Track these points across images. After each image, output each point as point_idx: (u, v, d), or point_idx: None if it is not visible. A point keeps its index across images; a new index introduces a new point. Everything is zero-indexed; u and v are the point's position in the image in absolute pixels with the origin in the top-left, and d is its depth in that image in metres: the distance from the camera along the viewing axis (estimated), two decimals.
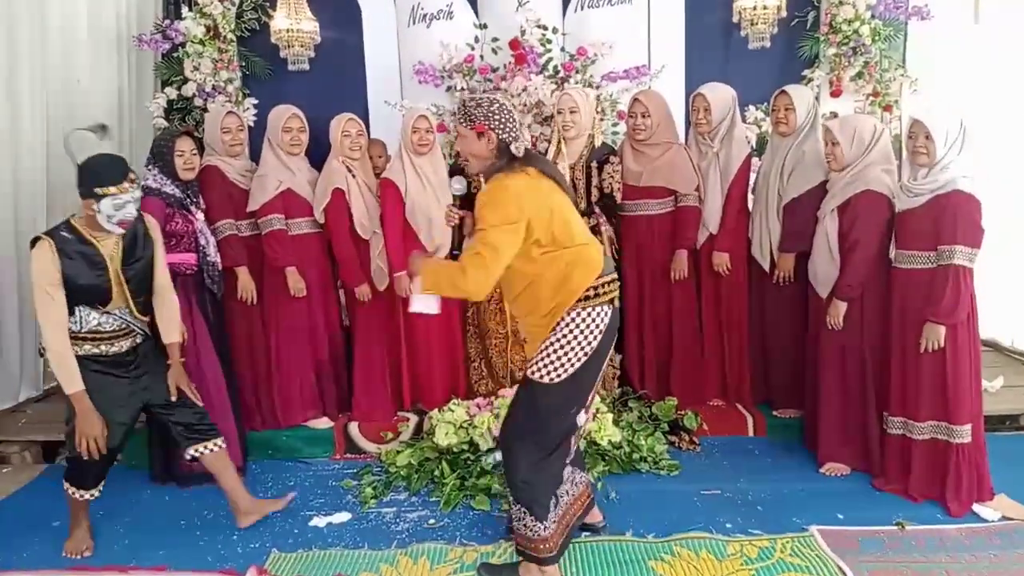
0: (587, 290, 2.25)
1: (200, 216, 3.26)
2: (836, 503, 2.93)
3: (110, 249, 2.59)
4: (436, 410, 3.42)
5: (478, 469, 3.16)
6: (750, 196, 3.64)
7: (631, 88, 4.13)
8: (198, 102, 4.28)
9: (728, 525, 2.80)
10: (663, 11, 4.36)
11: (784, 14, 3.86)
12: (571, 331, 2.24)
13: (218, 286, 3.32)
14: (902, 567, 2.50)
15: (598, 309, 2.27)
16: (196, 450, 2.82)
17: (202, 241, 3.23)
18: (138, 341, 2.73)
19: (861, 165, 2.97)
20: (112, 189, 2.50)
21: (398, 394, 3.75)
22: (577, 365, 2.25)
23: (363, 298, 3.56)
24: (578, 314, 2.24)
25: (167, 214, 3.11)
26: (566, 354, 2.24)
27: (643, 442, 3.32)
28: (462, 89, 4.18)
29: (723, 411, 3.74)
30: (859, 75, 4.20)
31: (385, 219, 3.51)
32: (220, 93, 4.28)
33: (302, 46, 3.98)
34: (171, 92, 4.32)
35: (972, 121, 2.78)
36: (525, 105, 4.02)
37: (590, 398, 2.41)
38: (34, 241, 2.52)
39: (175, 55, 4.31)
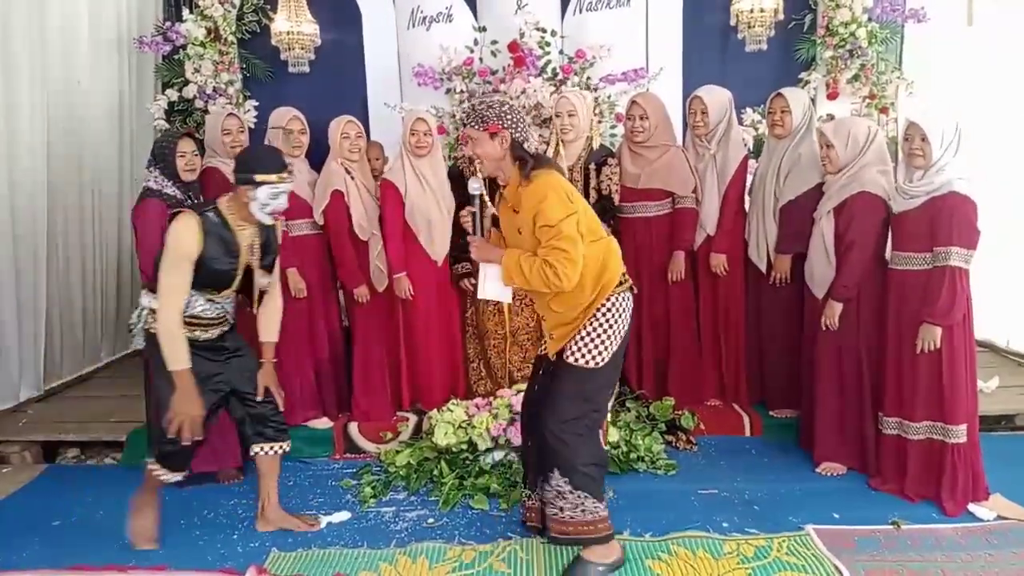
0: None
1: None
2: (832, 502, 2.94)
3: (247, 240, 2.62)
4: (435, 410, 3.43)
5: (477, 469, 3.17)
6: (747, 198, 3.66)
7: (629, 90, 4.15)
8: (199, 104, 4.30)
9: (725, 524, 2.81)
10: (661, 14, 4.39)
11: (781, 17, 3.89)
12: (608, 317, 2.37)
13: None
14: (898, 566, 2.51)
15: (624, 295, 2.43)
16: (261, 448, 2.79)
17: None
18: (226, 329, 2.74)
19: (856, 167, 2.99)
20: (272, 177, 2.52)
21: (397, 394, 3.76)
22: (613, 348, 2.40)
23: (362, 299, 3.58)
24: (612, 301, 2.38)
25: (168, 215, 3.11)
26: (606, 339, 2.37)
27: (640, 442, 3.33)
28: (461, 91, 4.21)
29: (720, 411, 3.76)
30: (856, 78, 4.23)
31: (385, 220, 3.53)
32: (221, 95, 4.30)
33: (302, 48, 4.00)
34: (172, 94, 4.34)
35: (968, 123, 2.80)
36: (524, 107, 4.04)
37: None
38: (174, 215, 2.53)
39: (176, 57, 4.34)
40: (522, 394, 3.18)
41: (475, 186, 2.42)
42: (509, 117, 2.33)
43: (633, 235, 3.65)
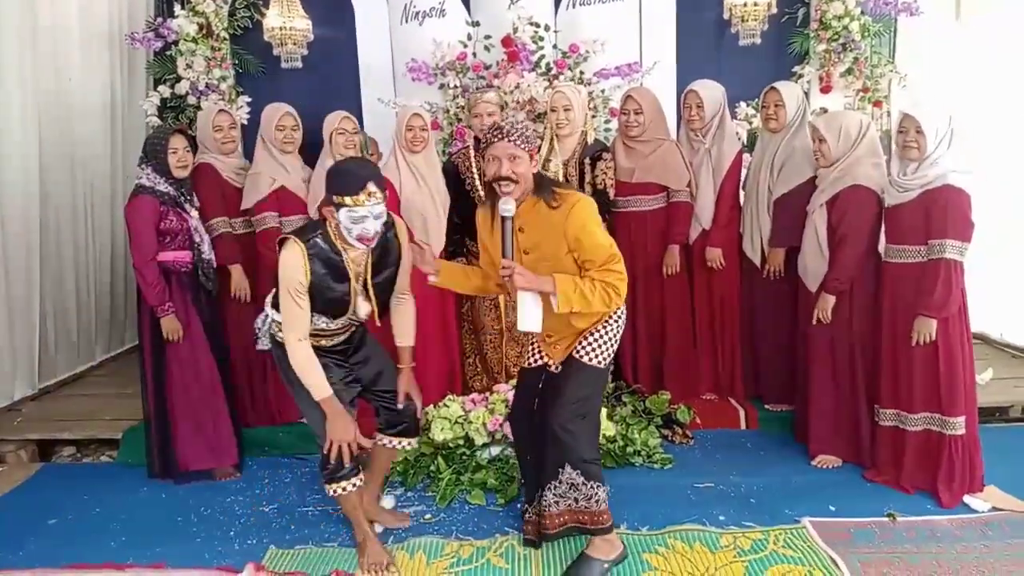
0: None
1: (194, 214, 3.26)
2: (828, 495, 2.96)
3: (358, 260, 2.43)
4: (431, 406, 3.43)
5: (473, 464, 3.18)
6: (741, 192, 3.67)
7: (623, 85, 4.15)
8: (191, 100, 4.29)
9: (721, 517, 2.83)
10: (654, 8, 4.38)
11: (774, 11, 3.89)
12: (616, 321, 2.48)
13: (212, 283, 3.32)
14: (894, 558, 2.53)
15: (623, 308, 2.51)
16: (389, 440, 2.75)
17: (196, 239, 3.23)
18: (353, 330, 2.64)
19: (849, 160, 2.99)
20: (347, 200, 2.28)
21: None
22: (614, 349, 2.50)
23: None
24: (619, 310, 2.47)
25: (161, 212, 3.11)
26: (615, 341, 2.48)
27: (637, 436, 3.34)
28: (455, 86, 4.20)
29: (716, 405, 3.77)
30: (849, 71, 4.23)
31: None
32: (213, 91, 4.28)
33: (295, 44, 3.98)
34: (164, 90, 4.32)
35: (959, 117, 2.81)
36: (518, 102, 4.03)
37: None
38: (282, 241, 2.39)
39: (168, 53, 4.31)
40: None
41: (507, 208, 2.28)
42: (536, 142, 2.38)
43: (628, 229, 3.65)
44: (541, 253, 2.34)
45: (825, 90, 4.27)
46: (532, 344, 2.63)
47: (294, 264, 2.33)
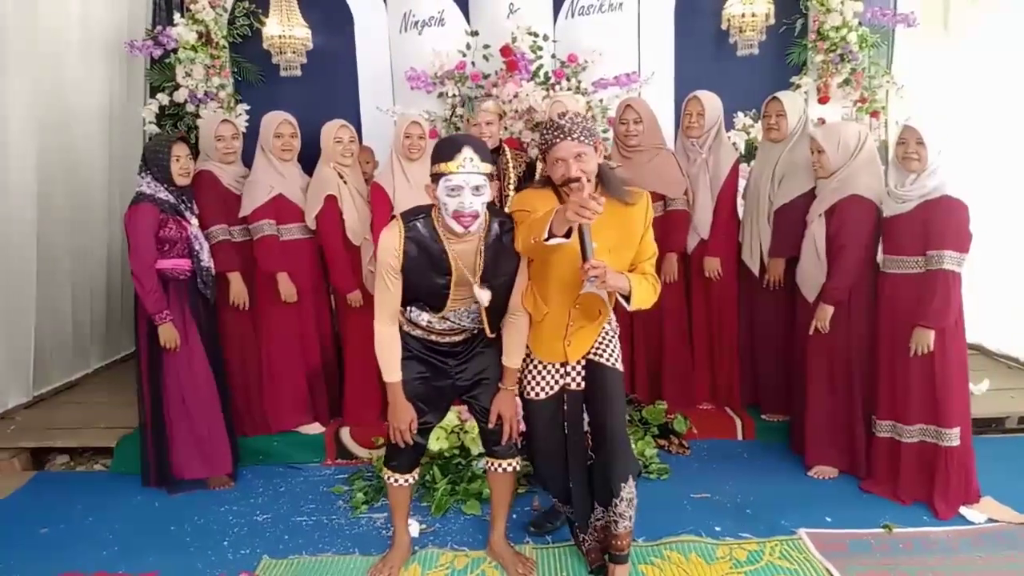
0: None
1: (194, 221, 3.26)
2: (824, 506, 2.95)
3: (465, 256, 2.23)
4: None
5: (469, 474, 3.16)
6: (740, 202, 3.67)
7: (621, 95, 4.16)
8: (190, 108, 4.28)
9: (717, 528, 2.81)
10: (653, 18, 4.39)
11: (772, 21, 3.90)
12: (615, 321, 2.47)
13: (211, 291, 3.32)
14: (890, 570, 2.52)
15: None
16: (489, 464, 2.57)
17: (196, 246, 3.22)
18: (473, 337, 2.45)
19: (847, 171, 3.00)
20: (442, 167, 2.08)
21: None
22: None
23: (355, 304, 3.57)
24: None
25: (160, 220, 3.10)
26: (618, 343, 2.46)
27: (634, 446, 3.32)
28: (453, 95, 4.21)
29: (712, 415, 3.76)
30: (846, 82, 4.24)
31: (375, 224, 3.52)
32: (212, 99, 4.28)
33: (294, 52, 3.99)
34: (163, 98, 4.32)
35: (953, 127, 2.82)
36: (516, 111, 4.04)
37: None
38: (391, 219, 2.29)
39: (167, 61, 4.31)
40: (516, 399, 3.19)
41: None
42: (599, 133, 2.31)
43: None
44: (618, 252, 2.24)
45: (823, 101, 4.27)
46: (531, 370, 2.44)
47: (388, 244, 2.19)
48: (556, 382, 2.43)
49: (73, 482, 3.54)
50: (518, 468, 2.58)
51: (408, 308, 2.36)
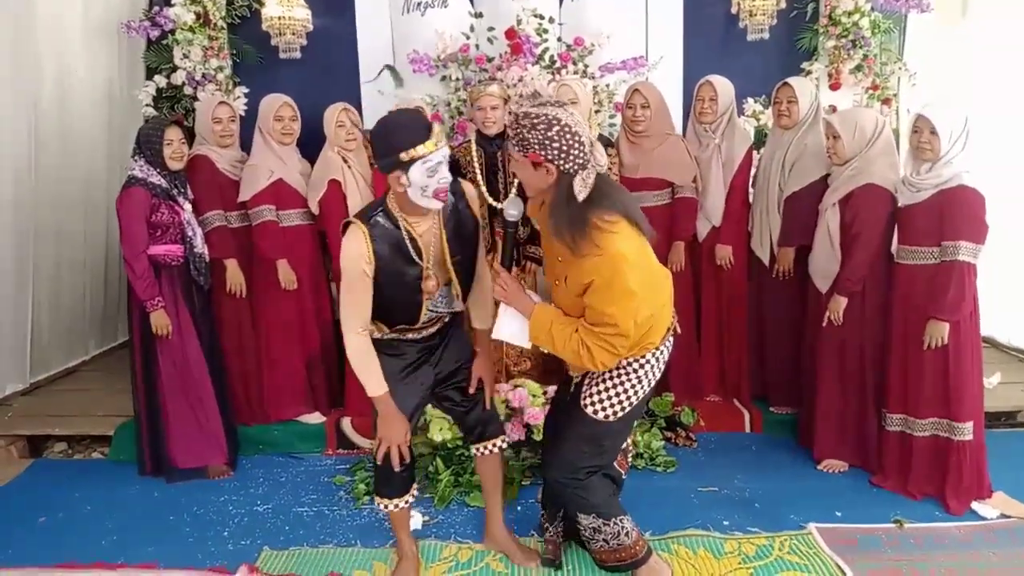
0: None
1: (187, 207, 3.20)
2: (834, 500, 2.91)
3: (427, 236, 2.15)
4: (430, 406, 3.37)
5: (472, 465, 3.12)
6: (751, 189, 3.60)
7: (628, 79, 4.08)
8: (188, 90, 4.20)
9: (725, 523, 2.78)
10: (661, 1, 4.30)
11: (783, 6, 3.83)
12: (640, 372, 2.12)
13: (204, 278, 3.26)
14: (901, 565, 2.48)
15: (662, 347, 2.15)
16: (476, 448, 2.51)
17: (189, 232, 3.17)
18: (446, 321, 2.37)
19: (863, 159, 2.93)
20: (420, 149, 1.99)
21: None
22: (635, 402, 2.15)
23: None
24: (648, 356, 2.12)
25: (152, 204, 3.05)
26: (631, 393, 2.13)
27: (640, 438, 3.29)
28: (456, 79, 4.13)
29: (720, 407, 3.71)
30: (858, 68, 4.16)
31: None
32: (210, 81, 4.20)
33: (294, 34, 3.92)
34: (160, 80, 4.24)
35: (969, 115, 2.75)
36: (521, 96, 3.96)
37: None
38: (345, 225, 2.12)
39: (164, 43, 4.23)
40: (519, 389, 3.15)
41: (512, 212, 2.07)
42: (555, 146, 1.86)
43: None
44: (575, 286, 1.98)
45: (834, 87, 4.20)
46: None
47: (356, 252, 2.06)
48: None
49: (71, 470, 3.50)
50: (504, 447, 2.53)
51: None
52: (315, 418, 3.65)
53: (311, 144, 3.56)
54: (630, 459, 2.60)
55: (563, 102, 1.96)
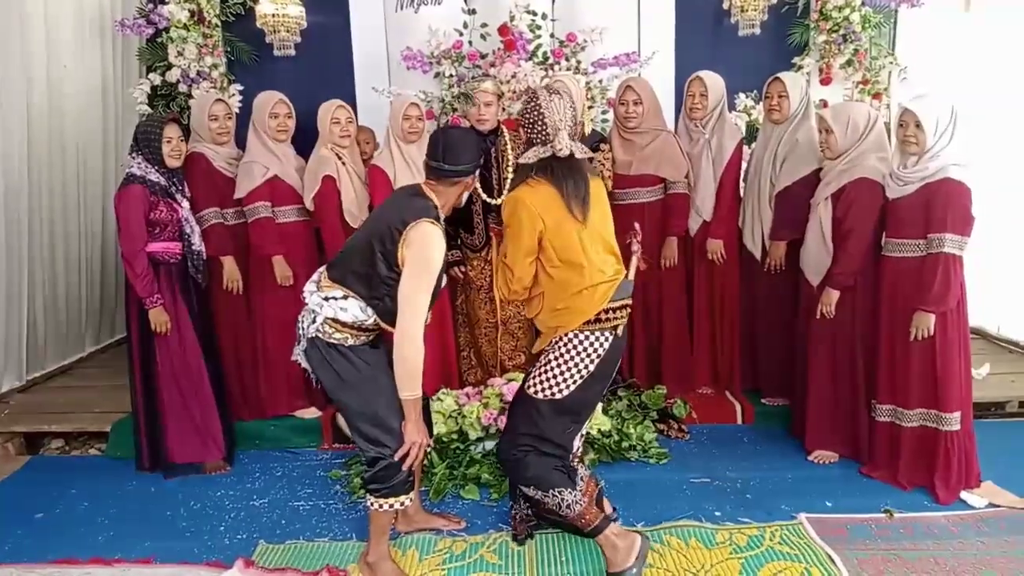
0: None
1: (185, 204, 3.21)
2: (824, 491, 2.94)
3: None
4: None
5: (467, 459, 3.14)
6: (742, 184, 3.62)
7: (621, 75, 4.10)
8: (182, 88, 4.21)
9: (717, 513, 2.80)
10: None
11: (774, 1, 3.85)
12: (568, 351, 2.29)
13: (202, 275, 3.28)
14: (890, 554, 2.51)
15: (598, 335, 2.28)
16: None
17: (187, 229, 3.19)
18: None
19: (856, 153, 2.95)
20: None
21: None
22: (572, 387, 2.28)
23: None
24: (575, 336, 2.28)
25: (151, 202, 3.06)
26: (562, 374, 2.29)
27: (632, 431, 3.31)
28: (450, 75, 4.14)
29: (712, 399, 3.74)
30: (849, 63, 4.18)
31: (374, 206, 3.47)
32: (205, 79, 4.21)
33: (288, 31, 3.92)
34: (155, 78, 4.25)
35: (963, 109, 2.76)
36: (514, 92, 3.98)
37: (586, 423, 2.53)
38: (415, 224, 2.17)
39: (159, 40, 4.23)
40: (513, 383, 3.17)
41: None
42: (527, 118, 2.26)
43: (626, 222, 3.59)
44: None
45: (825, 82, 4.22)
46: None
47: (440, 246, 2.21)
48: None
49: (68, 467, 3.52)
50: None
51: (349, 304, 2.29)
52: (311, 413, 3.67)
53: (305, 141, 3.57)
54: (585, 466, 2.61)
55: (557, 90, 2.31)
